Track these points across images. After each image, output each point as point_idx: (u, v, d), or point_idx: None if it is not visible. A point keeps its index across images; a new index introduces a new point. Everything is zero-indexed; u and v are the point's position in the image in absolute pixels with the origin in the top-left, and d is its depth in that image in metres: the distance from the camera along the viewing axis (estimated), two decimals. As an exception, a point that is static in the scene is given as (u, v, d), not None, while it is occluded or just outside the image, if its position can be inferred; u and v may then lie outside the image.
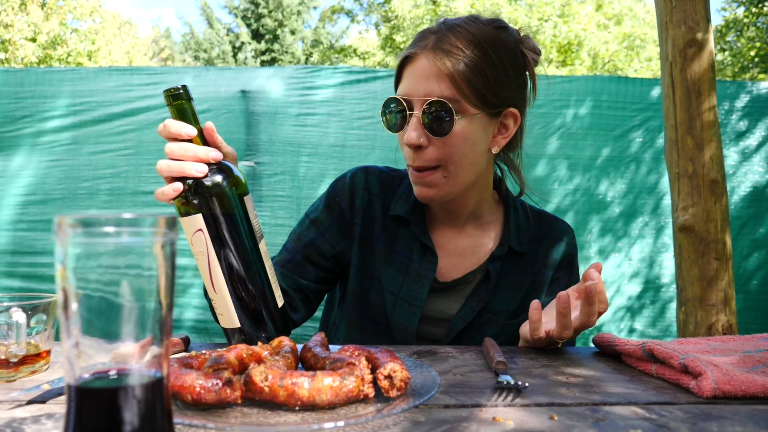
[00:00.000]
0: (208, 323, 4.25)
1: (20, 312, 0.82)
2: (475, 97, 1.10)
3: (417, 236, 1.26)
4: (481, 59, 1.09)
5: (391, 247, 1.28)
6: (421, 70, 1.11)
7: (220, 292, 0.94)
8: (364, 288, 1.28)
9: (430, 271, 1.24)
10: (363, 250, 1.28)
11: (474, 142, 1.13)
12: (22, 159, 4.29)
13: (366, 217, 1.29)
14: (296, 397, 0.65)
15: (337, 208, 1.30)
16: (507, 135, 1.20)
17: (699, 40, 2.60)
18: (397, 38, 16.69)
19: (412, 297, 1.24)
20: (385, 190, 1.31)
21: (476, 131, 1.13)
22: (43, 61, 12.36)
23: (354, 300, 1.29)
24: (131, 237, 0.47)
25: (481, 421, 0.66)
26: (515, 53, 1.16)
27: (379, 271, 1.27)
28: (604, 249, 4.43)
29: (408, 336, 1.23)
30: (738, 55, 12.14)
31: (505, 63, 1.13)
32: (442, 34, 1.11)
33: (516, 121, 1.19)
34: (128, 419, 0.47)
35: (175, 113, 0.93)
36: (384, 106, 1.16)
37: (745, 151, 4.39)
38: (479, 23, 1.14)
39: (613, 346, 1.00)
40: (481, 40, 1.10)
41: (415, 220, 1.27)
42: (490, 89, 1.10)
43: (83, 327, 0.47)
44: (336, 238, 1.28)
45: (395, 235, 1.28)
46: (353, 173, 1.32)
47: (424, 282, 1.24)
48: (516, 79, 1.16)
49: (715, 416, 0.69)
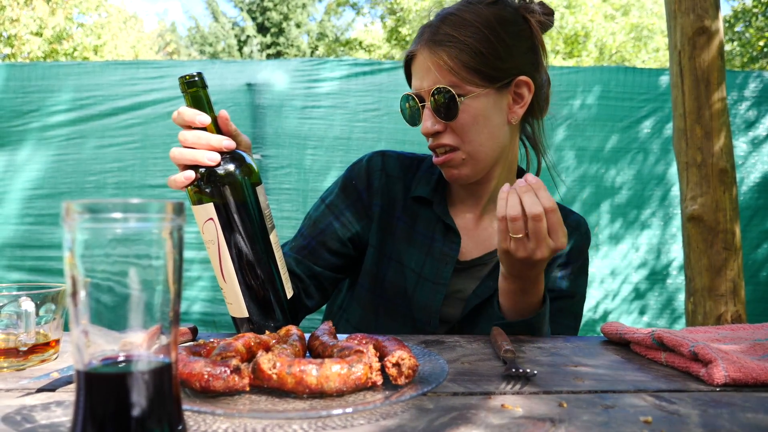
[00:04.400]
0: (215, 316, 4.27)
1: (29, 301, 0.82)
2: (476, 77, 1.13)
3: (439, 217, 1.27)
4: (475, 39, 1.13)
5: (412, 227, 1.29)
6: (421, 66, 1.17)
7: (229, 281, 0.94)
8: (382, 268, 1.29)
9: (453, 250, 1.25)
10: (382, 230, 1.29)
11: (486, 118, 1.16)
12: (29, 153, 4.31)
13: (385, 198, 1.30)
14: (304, 385, 0.65)
15: (353, 191, 1.30)
16: (523, 104, 1.21)
17: (708, 28, 2.57)
18: (403, 30, 16.63)
19: (436, 276, 1.24)
20: (404, 171, 1.33)
21: (485, 107, 1.15)
22: (49, 56, 12.39)
23: (370, 281, 1.29)
24: (139, 222, 0.47)
25: (490, 408, 0.65)
26: (514, 22, 1.18)
27: (399, 251, 1.28)
28: (611, 239, 4.41)
29: (431, 315, 1.24)
30: (747, 45, 12.02)
31: (502, 36, 1.15)
32: (436, 27, 1.17)
33: (530, 88, 1.21)
34: (137, 405, 0.47)
35: (190, 101, 0.93)
36: (401, 102, 1.23)
37: (754, 141, 4.35)
38: (472, 4, 1.18)
39: (621, 335, 1.00)
40: (472, 21, 1.15)
41: (437, 201, 1.28)
42: (489, 65, 1.14)
43: (92, 315, 0.47)
44: (352, 221, 1.29)
45: (416, 215, 1.29)
46: (369, 157, 1.34)
47: (447, 260, 1.25)
48: (518, 47, 1.18)
49: (725, 404, 0.69)
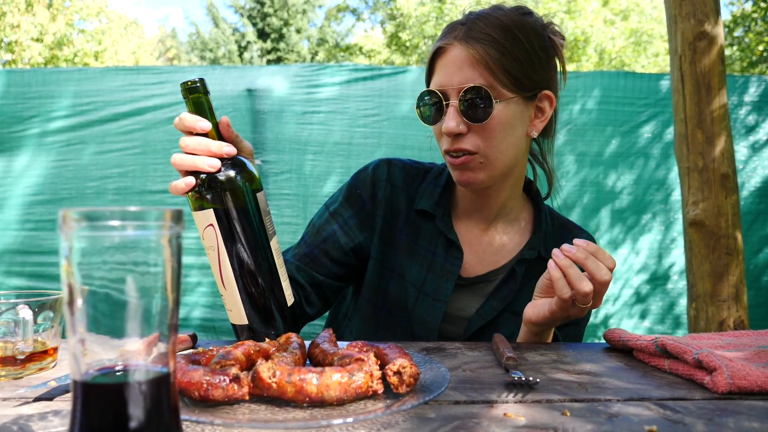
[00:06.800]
0: (216, 322, 4.26)
1: (27, 309, 0.81)
2: (510, 82, 1.11)
3: (442, 231, 1.25)
4: (512, 44, 1.11)
5: (415, 241, 1.26)
6: (454, 60, 1.12)
7: (229, 288, 0.93)
8: (383, 281, 1.27)
9: (455, 266, 1.23)
10: (384, 242, 1.27)
11: (512, 126, 1.14)
12: (29, 159, 4.30)
13: (389, 209, 1.28)
14: (304, 394, 0.64)
15: (358, 200, 1.28)
16: (544, 118, 1.20)
17: (709, 32, 2.57)
18: (403, 36, 16.66)
19: (436, 291, 1.23)
20: (409, 182, 1.30)
21: (513, 115, 1.13)
22: (49, 62, 12.42)
23: (371, 292, 1.27)
24: (137, 230, 0.47)
25: (492, 417, 0.65)
26: (543, 37, 1.18)
27: (401, 264, 1.26)
28: (611, 243, 4.40)
29: (430, 331, 1.22)
30: (746, 50, 12.03)
31: (535, 46, 1.14)
32: (472, 23, 1.13)
33: (551, 104, 1.20)
34: (134, 415, 0.46)
35: (191, 106, 0.92)
36: (418, 99, 1.17)
37: (755, 145, 4.35)
38: (505, 10, 1.16)
39: (624, 342, 0.99)
40: (509, 25, 1.12)
41: (440, 215, 1.26)
42: (523, 72, 1.12)
43: (89, 323, 0.46)
44: (356, 231, 1.27)
45: (419, 228, 1.27)
46: (375, 165, 1.31)
47: (449, 277, 1.23)
48: (547, 62, 1.18)
49: (731, 412, 0.68)
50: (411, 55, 17.23)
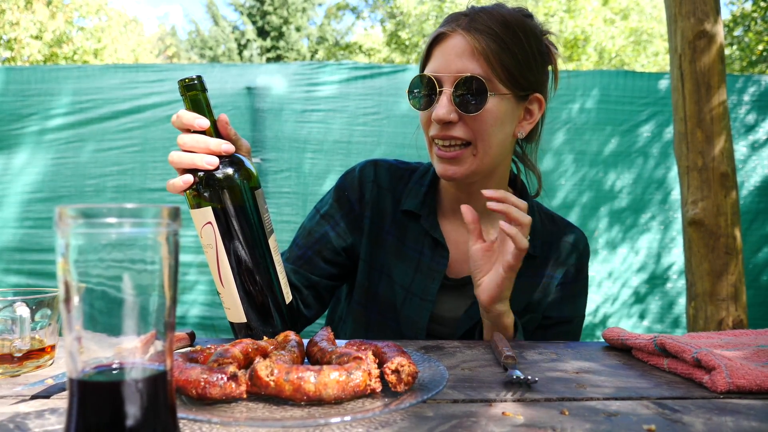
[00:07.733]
0: (214, 320, 4.26)
1: (24, 307, 0.81)
2: (506, 77, 1.11)
3: (427, 231, 1.25)
4: (512, 40, 1.11)
5: (401, 241, 1.27)
6: (453, 48, 1.12)
7: (227, 286, 0.93)
8: (372, 282, 1.27)
9: (441, 265, 1.23)
10: (372, 243, 1.27)
11: (503, 122, 1.14)
12: (28, 156, 4.30)
13: (375, 211, 1.28)
14: (302, 392, 0.64)
15: (346, 202, 1.29)
16: (532, 121, 1.21)
17: (708, 31, 2.57)
18: (402, 35, 16.66)
19: (423, 291, 1.23)
20: (395, 183, 1.31)
21: (505, 112, 1.14)
22: (49, 59, 12.40)
23: (361, 294, 1.28)
24: (134, 228, 0.46)
25: (491, 416, 0.64)
26: (541, 42, 1.19)
27: (389, 265, 1.26)
28: (610, 243, 4.40)
29: (418, 331, 1.22)
30: (746, 49, 12.03)
31: (533, 48, 1.15)
32: (475, 15, 1.14)
33: (540, 107, 1.21)
34: (131, 413, 0.46)
35: (189, 104, 0.92)
36: (411, 84, 1.17)
37: (754, 145, 4.35)
38: (508, 9, 1.17)
39: (623, 341, 0.99)
40: (511, 23, 1.13)
41: (425, 215, 1.26)
42: (520, 71, 1.12)
43: (85, 321, 0.46)
44: (346, 232, 1.27)
45: (406, 229, 1.27)
46: (362, 166, 1.32)
47: (435, 276, 1.23)
48: (542, 66, 1.19)
49: (729, 411, 0.68)
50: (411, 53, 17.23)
